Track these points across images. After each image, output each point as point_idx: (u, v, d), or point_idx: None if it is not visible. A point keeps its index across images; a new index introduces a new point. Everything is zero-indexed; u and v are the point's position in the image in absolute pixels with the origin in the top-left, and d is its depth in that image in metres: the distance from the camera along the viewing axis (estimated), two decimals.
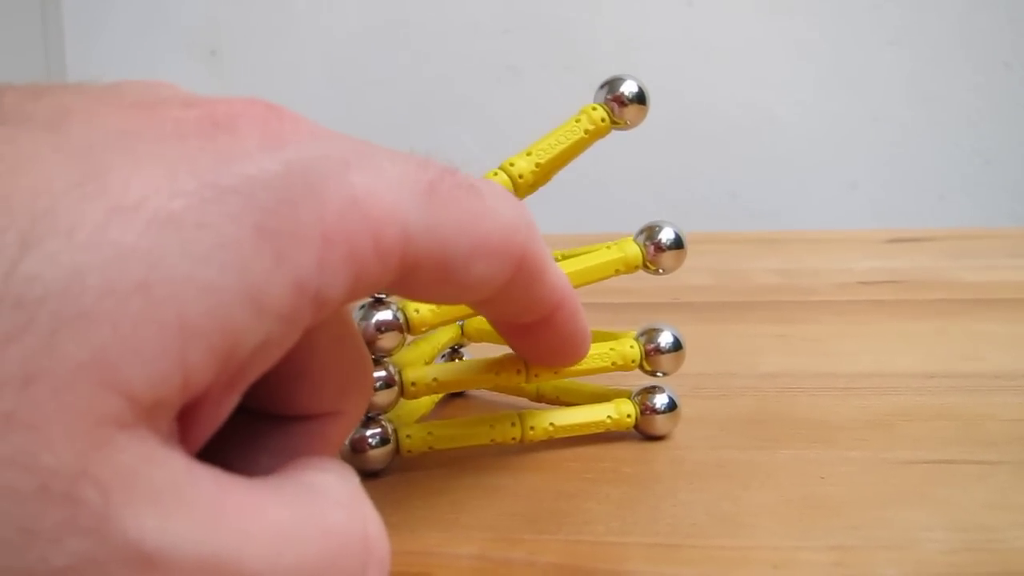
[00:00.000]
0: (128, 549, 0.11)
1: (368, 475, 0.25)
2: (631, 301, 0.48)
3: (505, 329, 0.22)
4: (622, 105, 0.26)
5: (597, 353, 0.27)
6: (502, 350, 0.27)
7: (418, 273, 0.15)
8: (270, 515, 0.13)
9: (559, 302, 0.20)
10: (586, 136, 0.26)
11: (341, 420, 0.18)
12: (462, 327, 0.32)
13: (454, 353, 0.33)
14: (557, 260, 0.29)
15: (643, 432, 0.28)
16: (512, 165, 0.26)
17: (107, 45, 1.09)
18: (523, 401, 0.31)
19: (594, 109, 0.26)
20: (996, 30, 0.93)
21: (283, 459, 0.16)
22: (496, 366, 0.26)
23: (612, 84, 0.26)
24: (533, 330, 0.21)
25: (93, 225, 0.12)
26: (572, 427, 0.27)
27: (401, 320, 0.25)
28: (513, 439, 0.26)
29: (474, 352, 0.33)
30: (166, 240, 0.12)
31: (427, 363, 0.29)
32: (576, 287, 0.26)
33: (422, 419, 0.28)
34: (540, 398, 0.30)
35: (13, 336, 0.11)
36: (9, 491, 0.11)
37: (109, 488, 0.11)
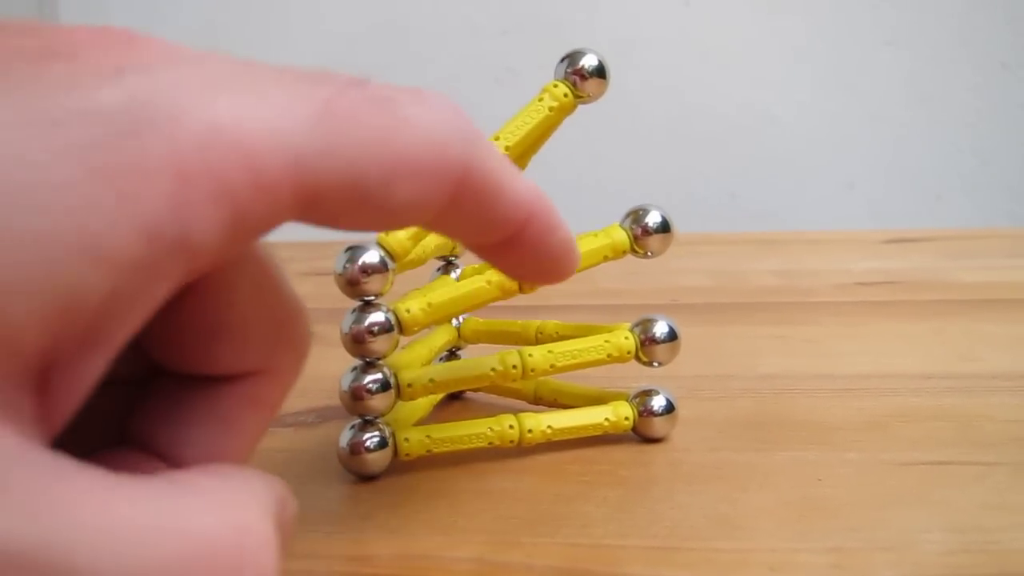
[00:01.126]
0: None
1: (366, 478, 0.25)
2: (628, 303, 0.48)
3: (476, 250, 0.20)
4: (583, 79, 0.26)
5: (593, 346, 0.27)
6: (499, 350, 0.27)
7: (325, 203, 0.13)
8: (117, 509, 0.12)
9: (527, 217, 0.17)
10: (551, 113, 0.26)
11: (273, 379, 0.16)
12: (458, 329, 0.32)
13: (451, 356, 0.33)
14: None
15: (641, 434, 0.28)
16: None
17: None
18: (521, 404, 0.30)
19: (555, 86, 0.26)
20: (994, 31, 0.93)
21: (213, 429, 0.15)
22: (492, 364, 0.26)
23: (572, 58, 0.26)
24: (505, 248, 0.18)
25: None
26: (570, 430, 0.27)
27: (393, 321, 0.25)
28: (511, 442, 0.26)
29: (471, 354, 0.33)
30: None
31: (424, 365, 0.29)
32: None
33: (420, 422, 0.28)
34: (538, 400, 0.30)
35: None
36: None
37: None
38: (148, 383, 0.16)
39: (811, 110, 0.98)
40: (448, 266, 0.32)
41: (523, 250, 0.18)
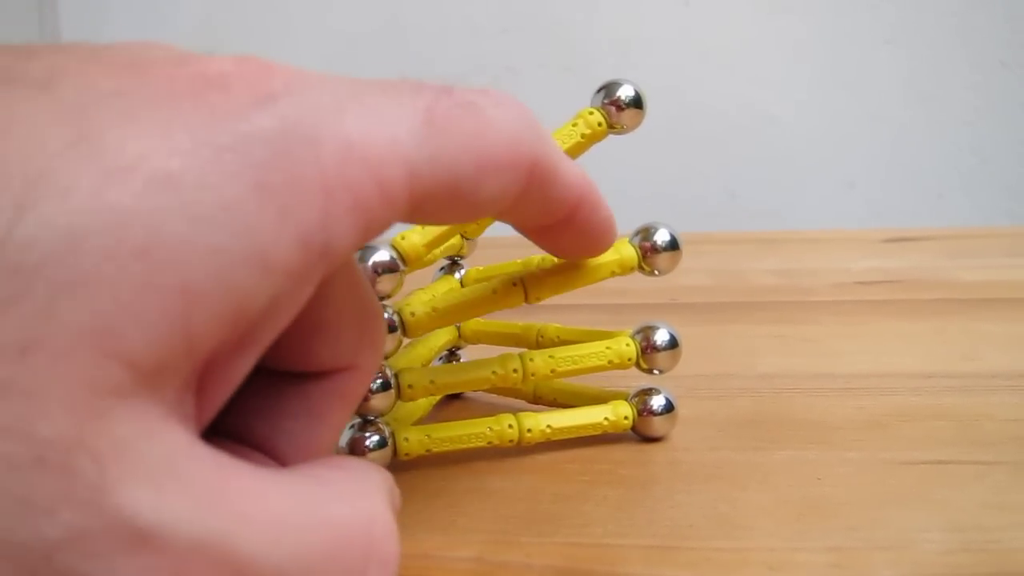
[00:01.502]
0: (121, 524, 0.11)
1: None
2: (629, 302, 0.48)
3: (531, 233, 0.22)
4: (619, 109, 0.26)
5: (594, 352, 0.27)
6: (500, 351, 0.27)
7: (428, 204, 0.15)
8: (272, 501, 0.13)
9: (578, 199, 0.19)
10: (583, 140, 0.26)
11: (357, 375, 0.18)
12: (459, 329, 0.32)
13: (451, 356, 0.33)
14: (553, 262, 0.29)
15: (640, 434, 0.28)
16: None
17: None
18: (520, 403, 0.31)
19: (591, 113, 0.26)
20: (993, 29, 0.93)
21: (306, 422, 0.16)
22: (493, 368, 0.26)
23: (609, 88, 0.27)
24: (557, 229, 0.21)
25: (89, 187, 0.11)
26: (569, 429, 0.27)
27: (397, 322, 0.25)
28: (511, 441, 0.26)
29: (471, 354, 0.33)
30: (165, 201, 0.12)
31: (424, 365, 0.29)
32: (572, 290, 0.26)
33: (419, 421, 0.28)
34: (537, 400, 0.30)
35: (11, 303, 0.11)
36: (5, 460, 0.11)
37: (105, 460, 0.11)
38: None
39: (811, 109, 0.98)
40: (452, 266, 0.32)
41: (572, 229, 0.20)
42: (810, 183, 0.98)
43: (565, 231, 0.21)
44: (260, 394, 0.17)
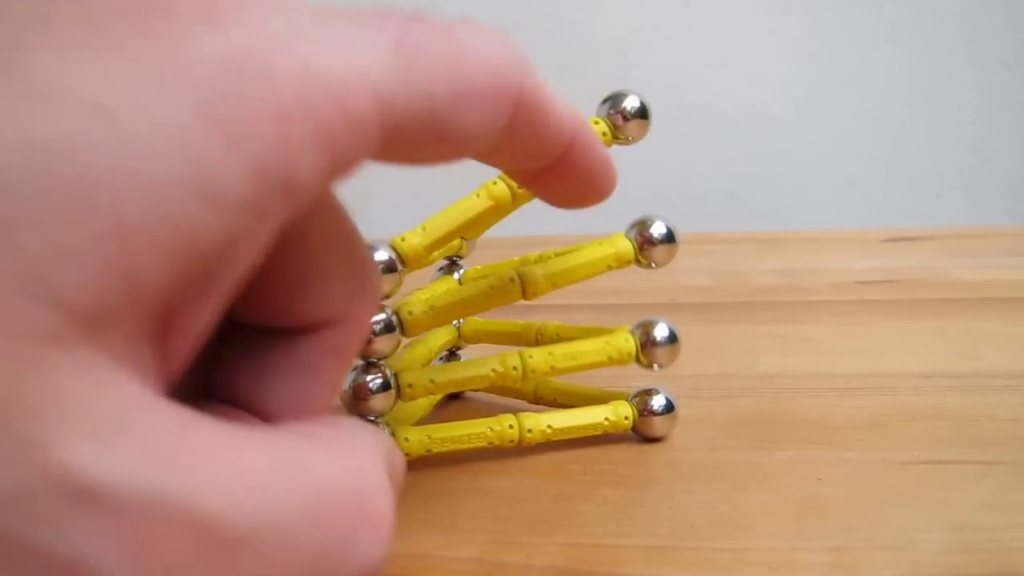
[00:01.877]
0: (67, 482, 0.10)
1: None
2: (628, 302, 0.48)
3: (523, 179, 0.20)
4: (625, 120, 0.26)
5: (593, 348, 0.27)
6: (499, 351, 0.27)
7: (404, 136, 0.14)
8: (245, 459, 0.12)
9: (572, 136, 0.18)
10: None
11: (350, 327, 0.17)
12: (459, 329, 0.32)
13: (451, 355, 0.33)
14: (550, 258, 0.29)
15: (641, 434, 0.28)
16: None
17: None
18: (521, 403, 0.31)
19: (596, 123, 0.26)
20: (994, 29, 0.93)
21: (297, 380, 0.16)
22: (493, 365, 0.26)
23: (615, 99, 0.27)
24: (553, 173, 0.19)
25: (9, 117, 0.10)
26: (570, 429, 0.27)
27: (395, 322, 0.25)
28: (511, 441, 0.26)
29: (471, 354, 0.33)
30: (97, 131, 0.11)
31: (424, 365, 0.29)
32: (569, 284, 0.26)
33: (420, 422, 0.28)
34: (538, 400, 0.30)
35: None
36: None
37: (45, 414, 0.10)
38: (228, 338, 0.16)
39: (811, 109, 0.98)
40: (451, 266, 0.32)
41: (568, 171, 0.19)
42: (810, 183, 0.98)
43: (560, 174, 0.19)
44: (250, 353, 0.16)
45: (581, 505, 0.23)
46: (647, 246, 0.27)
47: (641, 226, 0.27)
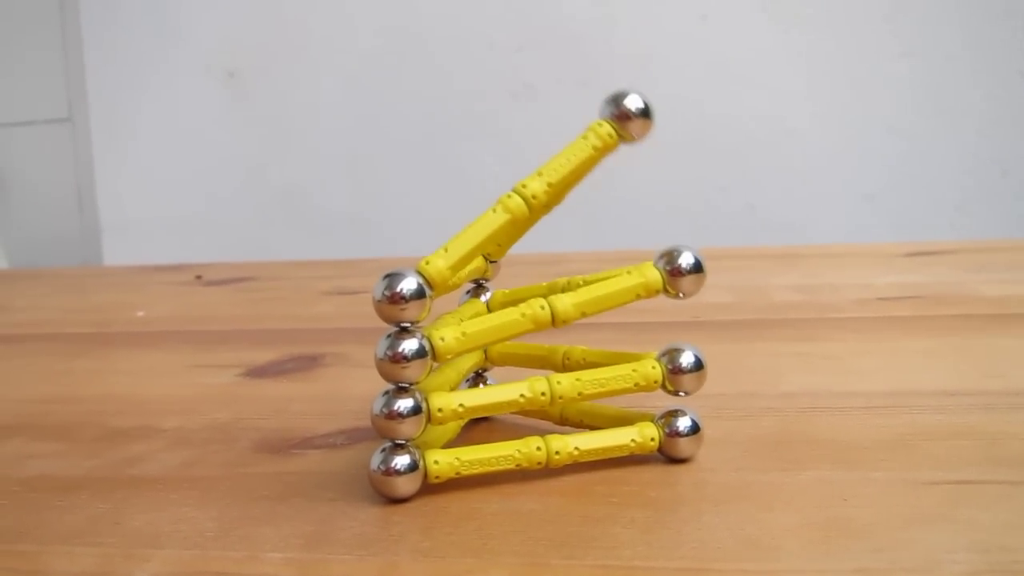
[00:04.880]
0: None
1: (397, 500, 0.26)
2: (652, 320, 0.48)
3: None
4: (628, 119, 0.27)
5: (620, 375, 0.27)
6: (526, 373, 0.28)
7: None
8: None
9: None
10: (595, 152, 0.27)
11: None
12: (485, 352, 0.33)
13: (478, 378, 0.33)
14: (579, 285, 0.30)
15: (667, 455, 0.28)
16: (525, 187, 0.26)
17: (126, 68, 1.10)
18: (546, 424, 0.31)
19: (600, 125, 0.27)
20: (1011, 40, 0.93)
21: None
22: (521, 391, 0.26)
23: (616, 99, 0.27)
24: None
25: None
26: (597, 451, 0.27)
27: (427, 348, 0.25)
28: (539, 463, 0.27)
29: (497, 376, 0.34)
30: None
31: (452, 388, 0.30)
32: (598, 313, 0.27)
33: (448, 444, 0.29)
34: (564, 421, 0.30)
35: None
36: None
37: None
38: None
39: (828, 122, 0.98)
40: (478, 289, 0.33)
41: None
42: (828, 196, 0.98)
43: None
44: None
45: (610, 527, 0.24)
46: (675, 276, 0.27)
47: (669, 257, 0.27)
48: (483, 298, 0.33)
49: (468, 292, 0.33)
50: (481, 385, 0.33)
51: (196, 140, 1.10)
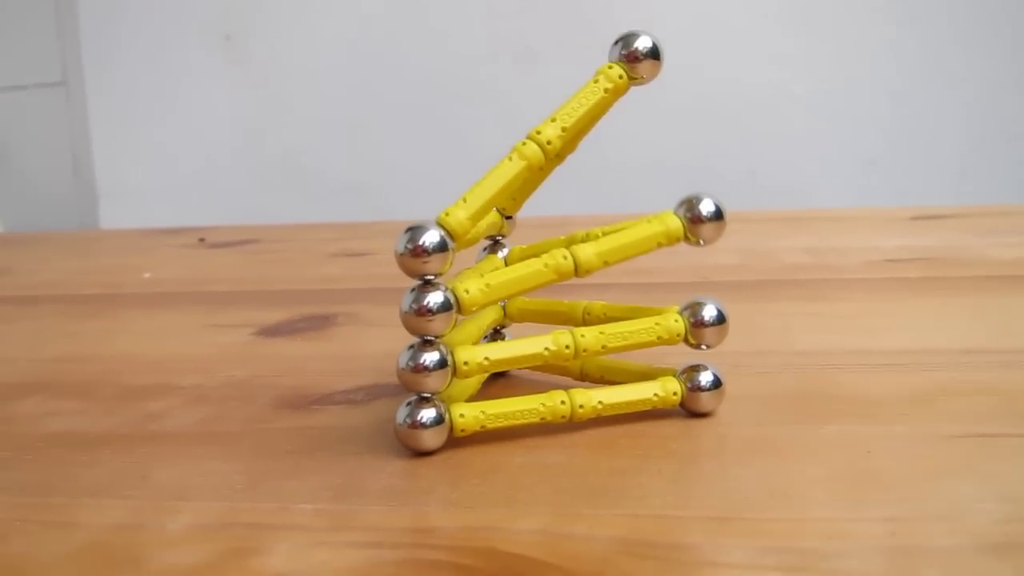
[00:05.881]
0: None
1: (422, 454, 0.26)
2: (660, 281, 0.48)
3: None
4: (637, 60, 0.27)
5: (643, 328, 0.27)
6: (544, 329, 0.28)
7: None
8: None
9: None
10: (606, 95, 0.27)
11: None
12: (504, 308, 0.33)
13: (496, 334, 0.33)
14: (598, 237, 0.29)
15: (688, 409, 0.28)
16: (539, 133, 0.26)
17: (121, 31, 1.09)
18: (566, 380, 0.31)
19: (610, 67, 0.27)
20: (1015, 5, 0.93)
21: None
22: (546, 344, 0.26)
23: (626, 40, 0.27)
24: None
25: None
26: (620, 405, 0.27)
27: (452, 301, 0.25)
28: (563, 417, 0.27)
29: (516, 333, 0.34)
30: None
31: (475, 343, 0.30)
32: (620, 261, 0.27)
33: (471, 399, 0.29)
34: (584, 377, 0.30)
35: None
36: None
37: None
38: None
39: (831, 87, 0.97)
40: (495, 245, 0.33)
41: None
42: (831, 160, 0.98)
43: None
44: None
45: (637, 478, 0.24)
46: (696, 223, 0.27)
47: (689, 204, 0.27)
48: (500, 254, 0.33)
49: (485, 249, 0.33)
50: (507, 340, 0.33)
51: (192, 104, 1.09)
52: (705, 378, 0.28)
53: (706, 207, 0.27)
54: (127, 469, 0.26)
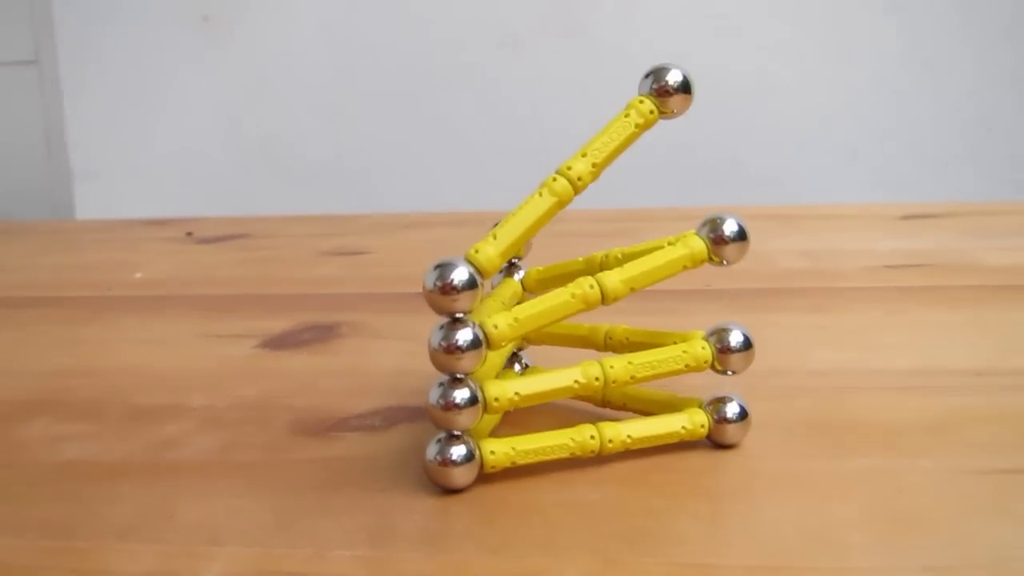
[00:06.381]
0: None
1: (452, 491, 0.26)
2: (663, 288, 0.48)
3: None
4: (667, 95, 0.27)
5: (671, 356, 0.27)
6: (563, 351, 0.27)
7: None
8: None
9: None
10: (636, 130, 0.27)
11: None
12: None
13: (514, 357, 0.33)
14: (618, 259, 0.29)
15: (715, 441, 0.28)
16: (570, 169, 0.26)
17: (96, 8, 1.06)
18: (588, 407, 0.31)
19: (641, 102, 0.27)
20: None
21: None
22: (576, 377, 0.26)
23: (657, 74, 0.27)
24: None
25: None
26: (649, 439, 0.27)
27: (481, 337, 0.25)
28: (592, 452, 0.27)
29: (531, 352, 0.33)
30: None
31: (497, 371, 0.30)
32: (646, 287, 0.27)
33: (495, 430, 0.29)
34: (606, 404, 0.30)
35: None
36: None
37: None
38: None
39: (813, 78, 0.98)
40: (511, 268, 0.32)
41: None
42: (813, 152, 0.98)
43: None
44: None
45: (674, 520, 0.24)
46: (719, 244, 0.27)
47: (712, 225, 0.27)
48: (516, 276, 0.32)
49: (501, 272, 0.33)
50: (516, 365, 0.33)
51: (170, 86, 1.07)
52: (731, 410, 0.28)
53: (729, 227, 0.27)
54: (151, 506, 0.26)
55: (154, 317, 0.47)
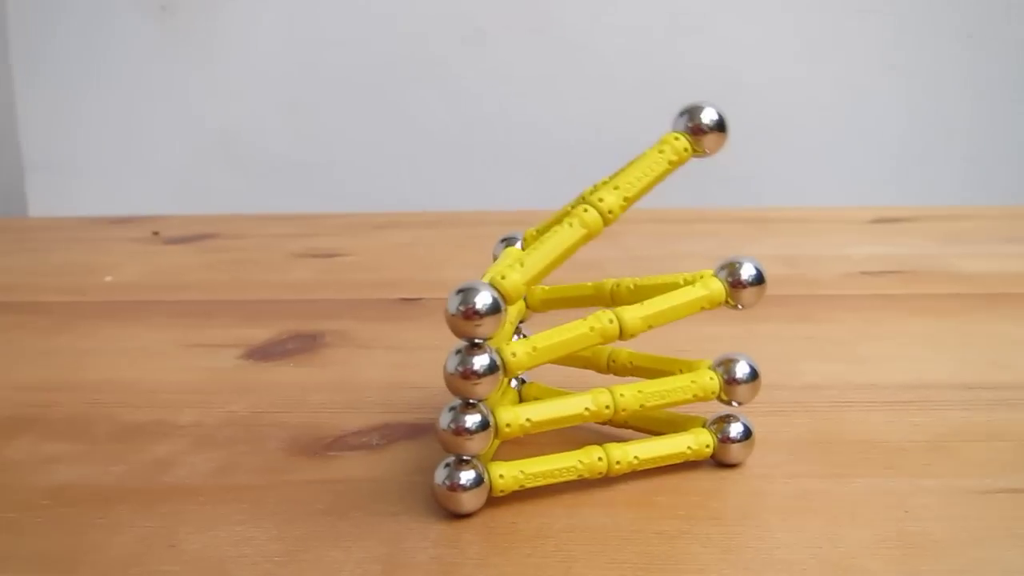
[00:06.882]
0: None
1: (461, 516, 0.25)
2: None
3: None
4: (702, 133, 0.27)
5: (679, 386, 0.27)
6: (564, 369, 0.27)
7: None
8: None
9: None
10: (670, 167, 0.26)
11: None
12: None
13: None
14: (628, 288, 0.29)
15: (718, 460, 0.28)
16: (602, 200, 0.26)
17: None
18: (591, 424, 0.31)
19: (676, 139, 0.27)
20: (960, 1, 0.95)
21: None
22: (586, 404, 0.26)
23: (692, 112, 0.27)
24: None
25: None
26: (655, 459, 0.27)
27: (499, 363, 0.25)
28: (600, 473, 0.26)
29: (536, 374, 0.33)
30: None
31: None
32: (662, 324, 0.26)
33: (498, 448, 0.28)
34: (610, 422, 0.30)
35: None
36: None
37: None
38: None
39: (783, 78, 0.98)
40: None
41: None
42: (783, 152, 0.99)
43: None
44: None
45: (688, 545, 0.24)
46: (737, 288, 0.27)
47: (731, 269, 0.27)
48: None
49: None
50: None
51: (126, 75, 1.05)
52: (735, 430, 0.28)
53: (747, 272, 0.27)
54: (152, 535, 0.25)
55: (131, 325, 0.46)
